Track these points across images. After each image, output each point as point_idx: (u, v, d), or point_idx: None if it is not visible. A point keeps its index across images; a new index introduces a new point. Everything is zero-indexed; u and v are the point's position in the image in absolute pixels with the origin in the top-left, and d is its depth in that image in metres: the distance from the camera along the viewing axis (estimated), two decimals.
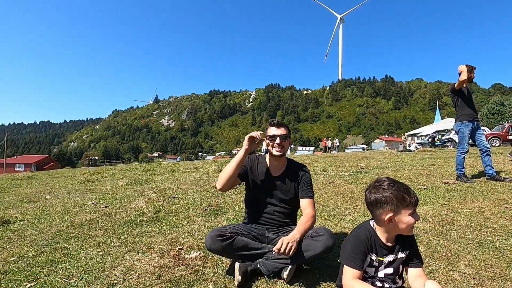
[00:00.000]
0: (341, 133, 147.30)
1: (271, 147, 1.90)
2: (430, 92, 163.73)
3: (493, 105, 37.27)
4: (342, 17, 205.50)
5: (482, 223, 2.41)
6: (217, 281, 1.61)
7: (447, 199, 3.28)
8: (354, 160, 9.95)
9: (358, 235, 1.24)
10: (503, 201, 3.04)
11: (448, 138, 20.80)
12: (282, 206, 1.91)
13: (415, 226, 2.40)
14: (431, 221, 2.54)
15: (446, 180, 4.34)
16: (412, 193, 1.15)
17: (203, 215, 2.93)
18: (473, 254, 1.88)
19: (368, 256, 1.21)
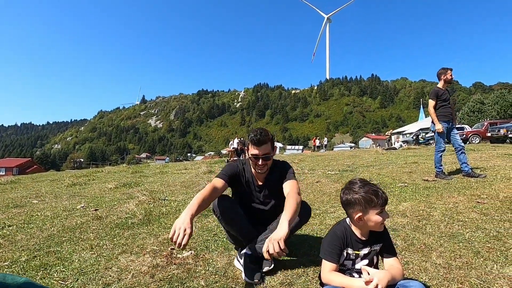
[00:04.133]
0: (329, 131, 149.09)
1: (254, 164, 1.89)
2: (415, 91, 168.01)
3: (474, 104, 38.66)
4: (329, 17, 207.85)
5: (455, 217, 2.60)
6: (208, 278, 1.70)
7: (425, 195, 3.48)
8: (341, 159, 10.20)
9: (335, 232, 1.36)
10: (476, 196, 3.26)
11: (432, 136, 21.53)
12: (271, 210, 1.98)
13: (395, 221, 2.58)
14: (409, 216, 2.71)
15: (426, 178, 4.57)
16: (380, 195, 1.26)
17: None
18: (444, 246, 2.05)
19: (344, 251, 1.33)
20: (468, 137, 18.54)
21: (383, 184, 4.34)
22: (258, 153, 1.84)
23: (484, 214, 2.65)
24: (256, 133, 1.86)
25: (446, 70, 4.69)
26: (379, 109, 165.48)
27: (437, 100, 4.63)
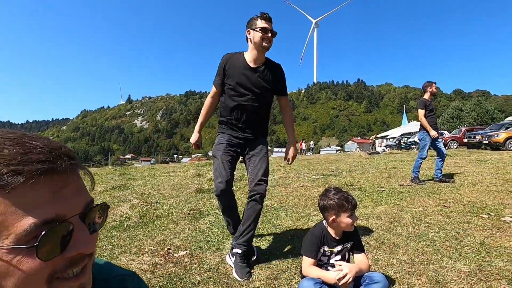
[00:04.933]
0: (316, 134, 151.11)
1: (261, 39, 2.01)
2: (398, 96, 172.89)
3: (453, 110, 40.36)
4: (317, 22, 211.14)
5: (423, 220, 2.91)
6: (204, 274, 1.91)
7: (399, 199, 3.81)
8: (326, 163, 10.57)
9: (313, 232, 1.61)
10: (443, 200, 3.61)
11: (413, 141, 22.38)
12: (261, 97, 2.13)
13: (370, 223, 2.86)
14: (383, 219, 3.00)
15: (402, 183, 4.93)
16: (350, 201, 1.52)
17: (186, 219, 3.20)
18: (410, 245, 2.34)
19: (321, 248, 1.58)
20: (447, 143, 19.49)
21: (363, 188, 4.66)
22: (268, 27, 2.03)
23: (448, 216, 2.98)
24: (264, 12, 2.08)
25: (431, 84, 5.12)
26: (364, 113, 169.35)
27: (425, 110, 5.01)
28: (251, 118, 2.16)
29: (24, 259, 0.37)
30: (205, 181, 6.04)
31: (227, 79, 2.15)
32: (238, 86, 2.11)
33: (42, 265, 0.37)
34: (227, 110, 2.18)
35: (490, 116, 36.47)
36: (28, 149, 0.38)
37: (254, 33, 2.05)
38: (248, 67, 2.12)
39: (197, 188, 4.94)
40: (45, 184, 0.38)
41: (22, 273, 0.37)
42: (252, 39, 2.07)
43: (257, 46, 2.06)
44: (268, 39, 2.05)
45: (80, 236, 0.41)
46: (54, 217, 0.38)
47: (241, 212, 2.24)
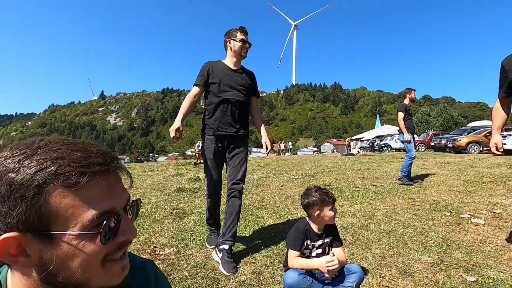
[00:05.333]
0: (294, 135, 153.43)
1: (240, 48, 2.36)
2: (373, 100, 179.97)
3: (422, 115, 42.78)
4: (297, 25, 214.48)
5: (393, 217, 3.16)
6: (191, 270, 1.99)
7: (373, 198, 4.07)
8: (304, 163, 10.86)
9: (298, 227, 1.74)
10: (412, 199, 3.91)
11: (385, 143, 23.51)
12: (242, 95, 2.41)
13: (346, 220, 3.05)
14: (358, 216, 3.22)
15: (375, 183, 5.24)
16: (330, 195, 1.68)
17: (170, 218, 3.23)
18: (382, 240, 2.55)
19: (305, 242, 1.71)
20: (416, 146, 20.69)
21: (340, 188, 4.90)
22: (246, 39, 2.37)
23: (415, 214, 3.25)
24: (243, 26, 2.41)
25: (411, 90, 5.49)
26: (340, 116, 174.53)
27: (405, 113, 5.34)
28: (236, 111, 2.38)
29: (88, 244, 0.45)
30: (186, 181, 6.03)
31: (211, 79, 2.38)
32: (223, 83, 2.36)
33: (101, 248, 0.46)
34: (213, 106, 2.37)
35: (454, 122, 39.10)
36: (88, 154, 0.46)
37: (235, 43, 2.37)
38: (230, 69, 2.43)
39: (178, 188, 4.94)
40: (103, 182, 0.47)
41: (85, 255, 0.45)
42: (232, 48, 2.39)
43: (237, 54, 2.40)
44: (246, 49, 2.40)
45: (126, 225, 0.50)
46: (109, 209, 0.47)
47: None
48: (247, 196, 4.48)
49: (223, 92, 2.35)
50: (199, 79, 2.40)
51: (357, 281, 1.60)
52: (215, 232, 2.55)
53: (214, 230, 2.56)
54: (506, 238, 2.47)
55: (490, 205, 3.42)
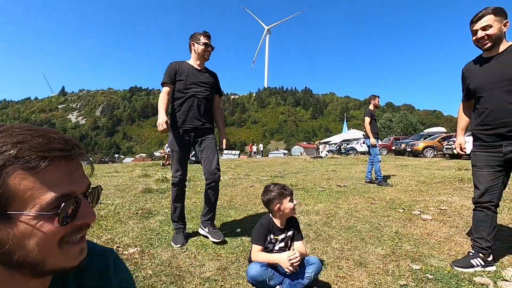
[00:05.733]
0: (265, 138, 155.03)
1: (203, 51, 2.58)
2: (341, 106, 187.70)
3: (384, 121, 45.49)
4: (269, 29, 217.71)
5: (354, 215, 3.36)
6: (155, 268, 1.97)
7: (336, 198, 4.29)
8: (274, 165, 11.07)
9: (261, 222, 1.81)
10: (371, 198, 4.19)
11: (351, 147, 24.65)
12: (207, 92, 2.61)
13: (310, 218, 3.18)
14: (321, 214, 3.38)
15: (339, 183, 5.51)
16: (287, 188, 1.79)
17: (135, 218, 3.15)
18: (342, 235, 2.71)
19: (268, 236, 1.79)
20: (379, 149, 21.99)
21: (306, 188, 5.09)
22: (209, 43, 2.60)
23: (373, 211, 3.49)
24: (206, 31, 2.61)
25: (375, 97, 5.83)
26: (310, 120, 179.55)
27: (371, 119, 5.65)
28: (201, 106, 2.58)
29: (45, 224, 0.47)
30: (153, 182, 5.89)
31: (178, 77, 2.55)
32: (189, 81, 2.55)
33: (58, 229, 0.48)
34: (180, 102, 2.56)
35: (413, 128, 42.09)
36: (49, 140, 0.49)
37: (198, 46, 2.58)
38: (195, 68, 2.63)
39: (145, 188, 4.82)
40: (63, 167, 0.49)
41: (43, 234, 0.47)
42: (196, 50, 2.60)
43: (200, 56, 2.61)
44: (208, 52, 2.63)
45: (85, 209, 0.53)
46: (69, 193, 0.50)
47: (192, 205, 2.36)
48: None
49: (189, 88, 2.54)
50: (167, 78, 2.54)
51: (315, 272, 1.71)
52: (181, 231, 2.57)
53: (180, 228, 2.56)
54: (448, 231, 2.76)
55: (438, 203, 3.77)
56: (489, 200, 2.02)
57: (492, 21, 1.86)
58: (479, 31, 1.92)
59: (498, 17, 1.87)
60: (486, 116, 1.97)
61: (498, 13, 1.87)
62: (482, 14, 1.90)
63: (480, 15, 1.91)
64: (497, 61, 1.92)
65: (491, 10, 1.87)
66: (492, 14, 1.86)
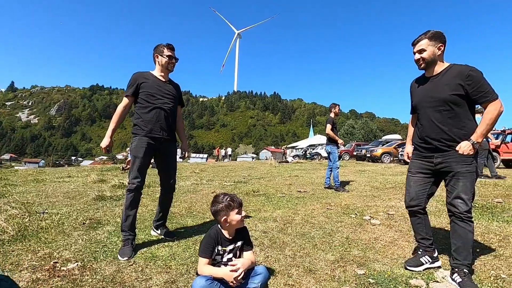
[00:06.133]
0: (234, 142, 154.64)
1: (167, 63, 2.64)
2: (308, 111, 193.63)
3: (348, 127, 47.73)
4: (240, 33, 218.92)
5: (309, 221, 3.46)
6: (95, 285, 1.84)
7: (295, 204, 4.38)
8: (240, 170, 11.05)
9: (209, 234, 1.78)
10: (328, 204, 4.34)
11: (316, 152, 25.49)
12: (172, 104, 2.69)
13: (267, 225, 3.20)
14: (279, 221, 3.43)
15: (300, 189, 5.65)
16: (235, 199, 1.77)
17: (81, 229, 2.93)
18: (296, 242, 2.76)
19: (215, 248, 1.77)
20: (341, 155, 23.02)
21: (267, 194, 5.14)
22: (172, 55, 2.65)
23: (328, 217, 3.62)
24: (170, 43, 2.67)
25: (335, 106, 6.08)
26: (278, 124, 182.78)
27: (332, 126, 5.85)
28: (168, 118, 2.65)
29: None
30: (108, 188, 5.57)
31: (142, 89, 2.59)
32: (154, 93, 2.60)
33: None
34: (145, 113, 2.59)
35: (373, 134, 44.67)
36: None
37: (162, 58, 2.63)
38: (159, 80, 2.68)
39: (97, 196, 4.53)
40: None
41: None
42: (160, 62, 2.66)
43: (164, 68, 2.67)
44: (172, 64, 2.69)
45: None
46: None
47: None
48: (174, 203, 4.34)
49: (156, 99, 2.59)
50: (129, 90, 2.60)
51: (262, 282, 1.72)
52: (129, 242, 2.44)
53: (129, 240, 2.44)
54: (393, 235, 2.94)
55: (387, 208, 4.02)
56: (417, 204, 2.25)
57: (426, 45, 2.06)
58: (416, 54, 2.13)
59: (432, 41, 2.05)
60: (422, 131, 2.20)
61: (432, 38, 2.05)
62: (419, 38, 2.10)
63: (418, 39, 2.11)
64: (432, 83, 2.12)
65: (427, 35, 2.06)
66: (427, 39, 2.06)
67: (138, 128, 2.59)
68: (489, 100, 1.90)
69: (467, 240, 2.01)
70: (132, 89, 2.58)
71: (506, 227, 3.08)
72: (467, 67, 1.97)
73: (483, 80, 1.92)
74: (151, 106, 2.58)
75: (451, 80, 1.99)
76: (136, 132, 2.60)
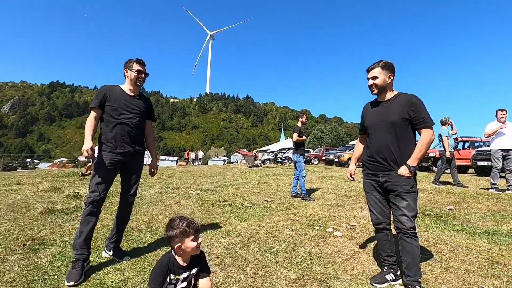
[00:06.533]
0: (205, 144, 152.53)
1: (136, 78, 2.61)
2: (279, 115, 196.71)
3: (317, 132, 49.12)
4: (213, 35, 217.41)
5: (274, 234, 3.41)
6: None
7: (261, 215, 4.32)
8: (208, 176, 10.82)
9: (161, 262, 1.65)
10: (293, 214, 4.34)
11: (287, 156, 25.85)
12: (138, 119, 2.63)
13: (231, 240, 3.10)
14: (243, 235, 3.34)
15: (267, 198, 5.62)
16: (192, 225, 1.66)
17: (19, 252, 2.62)
18: (258, 259, 2.70)
19: (168, 277, 1.64)
20: (310, 159, 23.59)
21: (234, 204, 5.04)
22: (142, 69, 2.62)
23: (292, 229, 3.60)
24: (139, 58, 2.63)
25: (302, 115, 6.17)
26: (251, 127, 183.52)
27: (299, 134, 5.93)
28: (132, 133, 2.59)
29: None
30: (61, 199, 5.13)
31: (108, 103, 2.53)
32: (120, 108, 2.55)
33: None
34: (109, 128, 2.52)
35: (341, 139, 46.42)
36: None
37: (131, 72, 2.62)
38: (127, 95, 2.64)
39: (47, 209, 4.13)
40: None
41: None
42: (129, 76, 2.64)
43: (133, 83, 2.64)
44: (142, 78, 2.67)
45: None
46: None
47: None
48: (133, 216, 4.10)
49: (121, 114, 2.54)
50: (95, 103, 2.53)
51: None
52: (79, 264, 2.24)
53: (79, 260, 2.23)
54: (354, 249, 2.99)
55: (350, 218, 4.10)
56: (383, 221, 2.37)
57: (378, 73, 2.27)
58: (369, 80, 2.32)
59: (384, 70, 2.26)
60: (371, 150, 2.35)
61: (384, 67, 2.26)
62: (373, 66, 2.31)
63: (372, 67, 2.32)
64: (384, 107, 2.31)
65: (380, 64, 2.27)
66: (379, 67, 2.27)
67: (103, 144, 2.54)
68: (425, 126, 2.14)
69: (415, 255, 2.13)
70: (98, 101, 2.53)
71: (456, 237, 3.27)
72: (412, 96, 2.21)
73: (424, 108, 2.15)
74: (115, 122, 2.53)
75: (399, 106, 2.19)
76: (100, 148, 2.55)
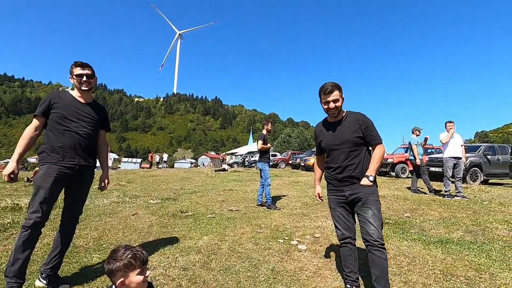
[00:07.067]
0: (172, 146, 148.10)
1: (78, 83, 2.39)
2: (248, 118, 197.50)
3: (284, 136, 49.98)
4: (181, 34, 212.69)
5: (236, 250, 3.25)
6: None
7: (224, 227, 4.14)
8: (172, 181, 10.38)
9: None
10: (257, 226, 4.22)
11: (254, 160, 25.87)
12: (90, 128, 2.43)
13: (189, 259, 2.88)
14: (203, 252, 3.14)
15: (232, 207, 5.45)
16: (138, 257, 1.43)
17: None
18: (218, 280, 2.52)
19: None
20: (278, 163, 23.83)
21: (196, 215, 4.79)
22: (82, 73, 2.38)
23: (256, 243, 3.47)
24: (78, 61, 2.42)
25: (268, 122, 6.12)
26: (219, 130, 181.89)
27: (264, 142, 5.84)
28: (83, 143, 2.38)
29: None
30: None
31: (56, 110, 2.31)
32: (69, 116, 2.33)
33: None
34: (57, 136, 2.29)
35: (308, 143, 47.67)
36: None
37: (73, 79, 2.42)
38: (78, 101, 2.43)
39: None
40: None
41: None
42: (74, 83, 2.44)
43: (78, 89, 2.44)
44: (86, 82, 2.42)
45: None
46: None
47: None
48: (81, 231, 3.70)
49: (70, 123, 2.33)
50: (40, 110, 2.32)
51: None
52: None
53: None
54: (317, 263, 2.93)
55: (314, 229, 4.08)
56: (349, 236, 2.36)
57: (338, 96, 2.26)
58: (331, 103, 2.26)
59: (340, 92, 2.28)
60: (333, 170, 2.37)
61: (340, 89, 2.28)
62: (331, 89, 2.24)
63: (330, 89, 2.24)
64: (339, 127, 2.34)
65: (336, 87, 2.26)
66: (337, 90, 2.25)
67: (46, 156, 2.26)
68: (376, 143, 2.28)
69: (384, 268, 2.11)
70: (43, 108, 2.30)
71: (414, 247, 3.36)
72: (361, 114, 2.34)
73: (373, 126, 2.30)
74: (63, 129, 2.30)
75: (351, 125, 2.28)
76: (45, 159, 2.25)
